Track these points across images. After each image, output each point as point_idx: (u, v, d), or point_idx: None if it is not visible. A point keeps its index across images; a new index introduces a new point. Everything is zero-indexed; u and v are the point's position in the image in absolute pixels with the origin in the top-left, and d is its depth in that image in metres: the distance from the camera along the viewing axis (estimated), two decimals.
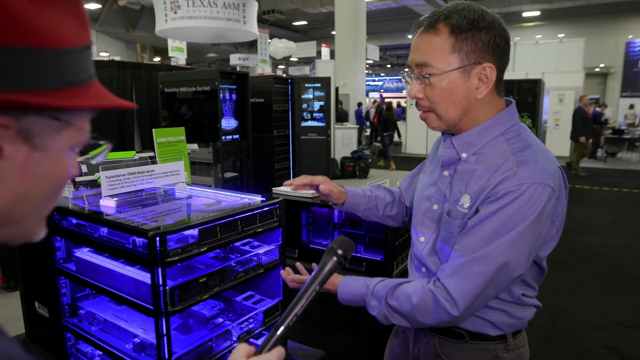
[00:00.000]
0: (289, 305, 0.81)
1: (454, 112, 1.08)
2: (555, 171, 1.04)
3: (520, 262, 1.00)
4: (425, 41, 1.07)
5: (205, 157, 5.64)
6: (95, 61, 7.91)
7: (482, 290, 1.00)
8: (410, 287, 1.08)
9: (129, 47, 24.85)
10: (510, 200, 0.98)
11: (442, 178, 1.16)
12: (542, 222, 1.00)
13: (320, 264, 0.87)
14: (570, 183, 9.27)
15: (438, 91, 1.07)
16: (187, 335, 1.39)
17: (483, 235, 1.00)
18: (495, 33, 1.05)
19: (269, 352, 0.74)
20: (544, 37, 17.68)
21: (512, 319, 1.13)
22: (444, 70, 1.05)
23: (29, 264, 1.69)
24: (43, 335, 1.70)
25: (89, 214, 1.35)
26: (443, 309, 1.01)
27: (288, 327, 0.79)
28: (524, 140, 1.07)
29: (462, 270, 1.01)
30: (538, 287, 1.19)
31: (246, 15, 6.32)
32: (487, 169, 1.06)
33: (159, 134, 1.70)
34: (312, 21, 25.18)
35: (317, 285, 0.84)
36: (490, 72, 1.05)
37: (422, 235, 1.20)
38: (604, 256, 5.11)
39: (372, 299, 1.12)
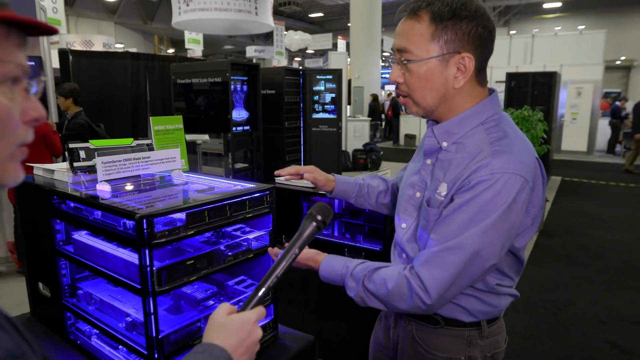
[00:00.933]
0: (270, 268, 0.86)
1: (431, 99, 1.10)
2: (531, 161, 1.05)
3: (493, 251, 1.01)
4: (406, 27, 1.08)
5: (216, 147, 5.71)
6: (110, 52, 8.05)
7: (455, 279, 1.02)
8: (387, 271, 1.10)
9: (146, 39, 25.13)
10: (482, 189, 1.00)
11: (425, 166, 1.18)
12: (515, 212, 1.01)
13: (300, 228, 0.91)
14: (585, 178, 9.18)
15: (416, 78, 1.08)
16: (177, 316, 1.44)
17: (457, 224, 1.02)
18: (478, 23, 1.04)
19: (250, 310, 0.79)
20: (564, 29, 17.30)
21: (486, 307, 1.14)
22: (423, 57, 1.06)
23: (33, 246, 1.76)
24: (46, 314, 1.78)
25: (85, 198, 1.40)
26: (417, 296, 1.03)
27: (269, 288, 0.83)
28: (502, 130, 1.08)
29: (435, 259, 1.03)
30: (517, 278, 1.20)
31: (258, 6, 6.35)
32: (464, 157, 1.07)
33: (156, 122, 1.75)
34: (328, 13, 25.07)
35: (296, 249, 0.88)
36: (469, 62, 1.06)
37: (403, 222, 1.23)
38: (614, 252, 5.04)
39: (351, 280, 1.14)
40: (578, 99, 11.89)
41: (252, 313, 0.78)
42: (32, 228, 1.73)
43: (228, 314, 0.78)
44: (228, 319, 0.77)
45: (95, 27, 20.88)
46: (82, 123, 4.36)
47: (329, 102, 7.55)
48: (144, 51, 19.54)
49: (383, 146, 13.46)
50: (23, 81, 0.53)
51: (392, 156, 12.01)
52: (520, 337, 3.19)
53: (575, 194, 7.97)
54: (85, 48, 13.28)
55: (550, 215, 6.48)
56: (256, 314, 0.78)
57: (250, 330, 0.77)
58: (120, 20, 22.06)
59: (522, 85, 8.04)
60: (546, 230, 5.77)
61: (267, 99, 6.57)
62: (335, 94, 7.51)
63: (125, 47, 17.20)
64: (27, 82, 0.53)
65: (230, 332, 0.75)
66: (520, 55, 13.70)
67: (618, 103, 13.28)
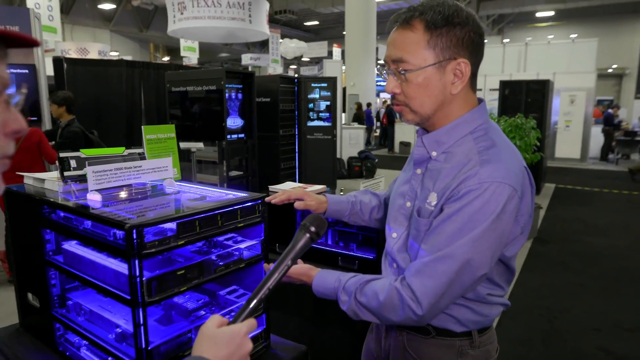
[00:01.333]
0: (262, 280, 0.85)
1: (429, 107, 1.10)
2: (520, 170, 1.06)
3: (483, 261, 1.02)
4: (400, 37, 1.08)
5: (211, 155, 5.70)
6: (105, 60, 8.05)
7: (446, 289, 1.01)
8: (379, 284, 1.10)
9: (142, 46, 25.17)
10: (471, 199, 1.00)
11: (415, 176, 1.18)
12: (504, 221, 1.01)
13: (293, 239, 0.90)
14: (579, 185, 9.23)
15: (414, 86, 1.08)
16: (167, 327, 1.43)
17: (447, 233, 1.02)
18: (470, 29, 1.06)
19: (241, 322, 0.78)
20: (557, 38, 17.48)
21: (476, 316, 1.14)
22: (420, 66, 1.06)
23: (22, 255, 1.74)
24: (35, 325, 1.76)
25: (75, 207, 1.39)
26: (408, 308, 1.03)
27: (261, 300, 0.82)
28: (490, 139, 1.09)
29: (426, 269, 1.03)
30: (508, 287, 1.20)
31: (252, 14, 6.38)
32: (453, 167, 1.08)
33: (148, 131, 1.75)
34: (323, 21, 25.22)
35: (289, 260, 0.88)
36: (465, 68, 1.07)
37: (394, 231, 1.22)
38: (609, 258, 5.06)
39: (343, 294, 1.14)
40: (571, 107, 11.98)
41: (242, 325, 0.77)
42: (22, 238, 1.72)
43: (218, 326, 0.78)
44: (218, 332, 0.76)
45: (91, 35, 20.89)
46: (76, 131, 4.34)
47: (323, 110, 7.56)
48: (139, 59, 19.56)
49: (378, 154, 13.49)
50: (3, 94, 0.52)
51: (387, 164, 12.03)
52: (515, 344, 3.18)
53: (569, 201, 8.01)
54: (80, 56, 13.27)
55: (544, 222, 6.50)
56: (247, 327, 0.78)
57: (240, 343, 0.76)
58: (116, 28, 22.09)
59: (515, 92, 8.10)
60: (541, 237, 5.79)
61: (262, 106, 6.57)
62: (330, 101, 7.52)
63: (120, 55, 17.21)
64: (7, 94, 0.53)
65: (220, 345, 0.75)
66: (513, 63, 13.82)
67: (611, 110, 13.41)
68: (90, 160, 1.53)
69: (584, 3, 19.41)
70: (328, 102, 7.52)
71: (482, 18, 22.47)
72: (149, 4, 19.88)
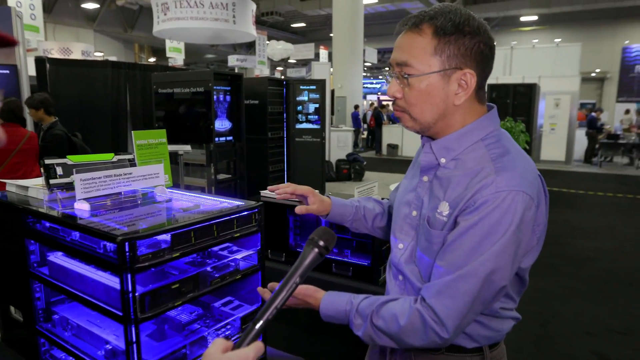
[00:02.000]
0: (269, 298, 0.79)
1: (430, 115, 1.05)
2: (535, 179, 1.02)
3: (504, 274, 0.97)
4: (408, 40, 1.04)
5: (198, 158, 5.60)
6: (89, 61, 7.88)
7: (470, 308, 0.97)
8: (397, 306, 1.04)
9: (127, 47, 24.83)
10: (489, 210, 0.95)
11: (422, 184, 1.13)
12: (523, 231, 0.97)
13: (300, 255, 0.84)
14: (564, 188, 9.33)
15: (416, 92, 1.04)
16: (161, 342, 1.36)
17: (465, 249, 0.97)
18: (480, 39, 1.02)
19: (247, 346, 0.72)
20: (541, 42, 17.71)
21: (488, 331, 1.10)
22: (424, 71, 1.02)
23: (4, 267, 1.66)
24: (18, 340, 1.67)
25: (61, 218, 1.32)
26: (432, 331, 0.97)
27: (267, 321, 0.76)
28: (503, 147, 1.04)
29: (447, 290, 0.97)
30: (518, 299, 1.16)
31: (237, 15, 6.30)
32: (465, 174, 1.03)
33: (138, 136, 1.68)
34: (310, 23, 25.19)
35: (297, 278, 0.82)
36: (471, 79, 1.02)
37: (400, 242, 1.17)
38: (597, 261, 5.10)
39: (357, 317, 1.07)
40: (556, 110, 12.13)
41: (249, 350, 0.71)
42: (4, 248, 1.63)
43: (223, 351, 0.72)
44: (223, 358, 0.70)
45: (74, 35, 20.53)
46: (59, 134, 4.19)
47: (312, 112, 7.52)
48: (124, 60, 19.29)
49: (366, 156, 13.48)
50: None
51: (376, 166, 12.03)
52: (508, 350, 3.15)
53: (555, 204, 8.08)
54: (63, 56, 13.02)
55: None
56: (254, 351, 0.71)
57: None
58: (100, 28, 21.75)
59: (502, 96, 8.18)
60: None
61: (250, 109, 6.50)
62: (319, 104, 7.48)
63: (105, 56, 16.93)
64: None
65: None
66: (499, 66, 13.95)
67: (594, 114, 13.62)
68: (77, 168, 1.45)
69: (567, 8, 19.72)
70: (317, 104, 7.48)
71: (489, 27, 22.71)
72: (134, 3, 19.62)
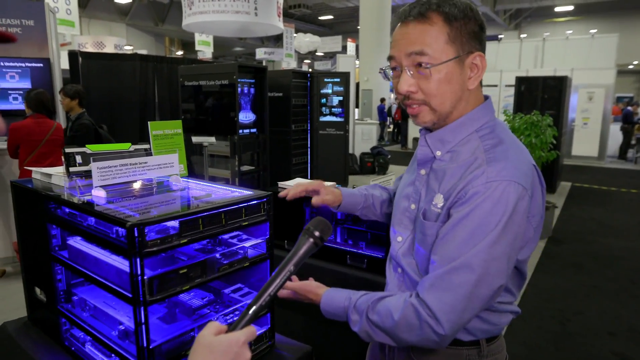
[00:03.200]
0: (263, 286, 0.82)
1: (449, 103, 1.05)
2: (528, 169, 1.01)
3: (500, 268, 0.96)
4: (417, 31, 1.02)
5: (223, 150, 5.71)
6: (119, 54, 8.10)
7: (467, 302, 0.95)
8: (392, 301, 1.03)
9: (158, 40, 25.33)
10: (480, 200, 0.95)
11: (419, 177, 1.14)
12: (517, 222, 0.96)
13: (296, 244, 0.86)
14: (596, 184, 9.05)
15: (436, 82, 1.02)
16: (170, 325, 1.42)
17: (458, 241, 0.96)
18: (476, 21, 1.04)
19: (239, 330, 0.75)
20: (575, 33, 17.13)
21: (485, 325, 1.10)
22: (442, 60, 1.01)
23: (29, 250, 1.75)
24: (42, 319, 1.77)
25: (79, 204, 1.39)
26: (427, 325, 0.96)
27: (261, 307, 0.79)
28: (497, 137, 1.04)
29: (440, 282, 0.97)
30: (518, 293, 1.16)
31: (259, 7, 6.33)
32: (459, 166, 1.03)
33: (154, 127, 1.74)
34: (338, 15, 25.08)
35: (292, 266, 0.84)
36: (481, 61, 1.04)
37: (399, 235, 1.19)
38: (625, 260, 4.95)
39: (354, 313, 1.08)
40: (589, 104, 11.73)
41: (241, 334, 0.74)
42: (29, 232, 1.72)
43: (216, 334, 0.75)
44: (215, 340, 0.73)
45: (107, 29, 21.08)
46: (86, 124, 4.37)
47: (336, 105, 7.52)
48: (155, 53, 19.70)
49: (391, 149, 13.40)
50: None
51: (400, 160, 11.95)
52: (526, 348, 3.13)
53: (585, 200, 7.86)
54: (97, 49, 13.41)
55: (559, 222, 6.39)
56: (245, 335, 0.74)
57: (237, 352, 0.73)
58: (132, 22, 22.26)
59: (532, 89, 7.95)
60: (555, 237, 5.69)
61: (274, 101, 6.56)
62: (343, 97, 7.48)
63: (136, 49, 17.32)
64: None
65: (217, 354, 0.71)
66: (530, 59, 13.58)
67: (630, 108, 13.10)
68: (95, 156, 1.52)
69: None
70: (341, 97, 7.48)
71: (498, 13, 22.12)
72: None
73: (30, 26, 4.76)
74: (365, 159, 9.91)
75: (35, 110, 3.96)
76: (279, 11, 6.93)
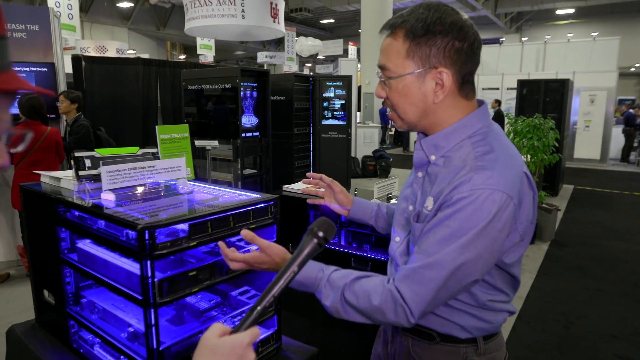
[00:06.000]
0: (267, 287, 0.83)
1: (412, 114, 1.11)
2: (516, 177, 1.03)
3: (473, 267, 1.00)
4: (385, 44, 1.11)
5: (225, 153, 5.72)
6: (122, 58, 8.12)
7: (434, 295, 1.01)
8: (370, 284, 1.07)
9: (160, 44, 25.42)
10: (463, 205, 0.98)
11: (417, 179, 1.18)
12: (497, 229, 0.99)
13: (299, 245, 0.88)
14: (598, 187, 9.04)
15: (395, 94, 1.10)
16: (179, 327, 1.43)
17: (436, 239, 1.01)
18: (453, 36, 1.03)
19: (243, 331, 0.75)
20: (577, 36, 17.16)
21: (481, 323, 1.12)
22: (400, 73, 1.07)
23: (38, 253, 1.77)
24: (50, 322, 1.78)
25: (89, 207, 1.40)
26: (402, 311, 1.02)
27: (265, 308, 0.80)
28: (488, 144, 1.06)
29: (414, 275, 1.01)
30: (513, 294, 1.17)
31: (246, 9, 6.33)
32: (450, 171, 1.06)
33: (162, 131, 1.76)
34: (339, 19, 25.16)
35: (295, 267, 0.84)
36: (446, 78, 1.05)
37: (397, 235, 1.21)
38: (628, 263, 4.94)
39: (327, 287, 1.10)
40: (591, 107, 11.74)
41: (245, 335, 0.74)
42: (38, 235, 1.74)
43: (220, 335, 0.75)
44: (219, 342, 0.73)
45: (109, 33, 21.17)
46: (85, 124, 4.44)
47: (338, 108, 7.54)
48: (157, 57, 19.76)
49: (393, 153, 13.41)
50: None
51: (402, 163, 11.95)
52: (530, 351, 3.13)
53: (588, 203, 7.85)
54: (99, 54, 13.46)
55: (562, 225, 6.38)
56: (249, 337, 0.74)
57: (242, 354, 0.73)
58: (133, 27, 22.35)
59: (533, 92, 7.96)
60: (558, 240, 5.69)
61: (276, 105, 6.58)
62: (345, 100, 7.50)
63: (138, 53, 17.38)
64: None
65: (220, 357, 0.71)
66: (532, 62, 13.61)
67: (632, 111, 13.10)
68: (104, 160, 1.54)
69: (605, 0, 19.01)
70: (343, 100, 7.50)
71: (499, 16, 22.15)
72: (166, 2, 20.05)
73: (35, 31, 4.80)
74: (367, 163, 9.92)
75: (28, 116, 3.95)
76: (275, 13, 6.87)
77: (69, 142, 4.41)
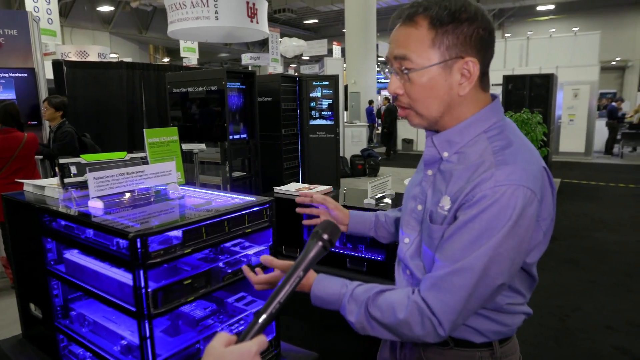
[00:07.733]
0: (272, 293, 0.78)
1: (435, 109, 1.03)
2: (538, 172, 0.98)
3: (502, 271, 0.94)
4: (403, 34, 1.01)
5: (213, 156, 5.64)
6: (105, 62, 8.00)
7: (465, 304, 0.94)
8: (395, 297, 1.01)
9: (142, 48, 25.11)
10: (487, 204, 0.93)
11: (426, 177, 1.11)
12: (524, 227, 0.94)
13: (304, 249, 0.83)
14: (584, 180, 9.15)
15: (418, 87, 1.01)
16: (175, 338, 1.37)
17: (462, 243, 0.95)
18: (478, 25, 0.98)
19: (250, 340, 0.72)
20: (558, 31, 17.38)
21: (498, 326, 1.07)
22: (424, 65, 0.99)
23: (23, 265, 1.69)
24: (38, 336, 1.71)
25: (76, 216, 1.34)
26: (430, 324, 0.95)
27: (271, 315, 0.76)
28: (506, 138, 1.01)
29: (442, 283, 0.95)
30: (529, 295, 1.13)
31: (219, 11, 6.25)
32: (467, 168, 1.00)
33: (150, 134, 1.69)
34: (323, 19, 25.14)
35: (301, 271, 0.81)
36: (473, 67, 0.99)
37: (406, 237, 1.16)
38: (619, 254, 4.99)
39: (351, 302, 1.04)
40: (575, 101, 11.89)
41: (252, 344, 0.71)
42: (22, 246, 1.66)
43: (226, 345, 0.71)
44: (226, 351, 0.70)
45: (91, 38, 20.85)
46: (70, 131, 4.34)
47: (325, 108, 7.51)
48: (139, 60, 19.54)
49: (381, 151, 13.42)
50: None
51: (390, 161, 11.97)
52: (528, 345, 3.12)
53: (576, 196, 7.93)
54: (80, 58, 13.23)
55: None
56: (257, 345, 0.71)
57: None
58: (115, 30, 22.05)
59: (519, 87, 8.02)
60: None
61: (263, 106, 6.52)
62: (332, 100, 7.47)
63: (120, 57, 17.14)
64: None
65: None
66: (515, 57, 13.73)
67: (614, 104, 13.31)
68: (91, 166, 1.47)
69: None
70: (330, 100, 7.46)
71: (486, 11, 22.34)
72: (148, 5, 19.81)
73: (13, 36, 4.68)
74: (356, 162, 9.91)
75: (4, 123, 3.84)
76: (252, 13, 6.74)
77: (52, 149, 4.30)
